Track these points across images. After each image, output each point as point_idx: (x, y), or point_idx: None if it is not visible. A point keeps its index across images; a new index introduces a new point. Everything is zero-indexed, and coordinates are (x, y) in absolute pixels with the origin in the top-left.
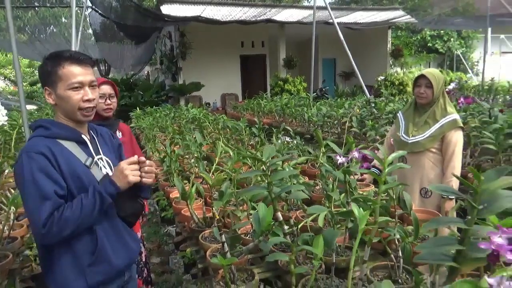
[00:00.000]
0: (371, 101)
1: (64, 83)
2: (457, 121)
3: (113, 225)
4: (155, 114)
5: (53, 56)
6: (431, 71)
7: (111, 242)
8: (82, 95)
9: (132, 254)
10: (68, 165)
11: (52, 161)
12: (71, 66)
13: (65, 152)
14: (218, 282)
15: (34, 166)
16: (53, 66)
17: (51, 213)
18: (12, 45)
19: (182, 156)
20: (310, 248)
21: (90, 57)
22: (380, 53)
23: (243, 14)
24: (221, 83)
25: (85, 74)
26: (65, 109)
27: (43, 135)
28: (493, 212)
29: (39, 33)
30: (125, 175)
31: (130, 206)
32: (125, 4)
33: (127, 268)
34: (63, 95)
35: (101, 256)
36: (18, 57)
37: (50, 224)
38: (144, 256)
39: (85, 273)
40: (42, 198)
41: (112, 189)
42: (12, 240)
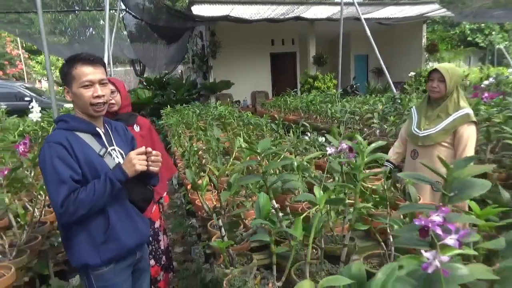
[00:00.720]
0: (396, 97)
1: (77, 82)
2: (470, 115)
3: (124, 208)
4: (183, 111)
5: (68, 59)
6: (444, 65)
7: (121, 223)
8: (92, 92)
9: (141, 235)
10: (83, 154)
11: (69, 150)
12: (82, 67)
13: (81, 143)
14: (219, 265)
15: (54, 154)
16: (68, 68)
17: (67, 195)
18: (44, 47)
19: (203, 150)
20: (290, 230)
21: (101, 58)
22: (415, 49)
23: (271, 12)
24: (251, 81)
25: (95, 73)
26: (79, 105)
27: (63, 128)
28: (463, 199)
29: (79, 35)
30: (133, 164)
31: (139, 192)
32: (157, 6)
33: (138, 248)
34: (76, 92)
35: (112, 235)
36: (49, 58)
37: (67, 204)
38: (163, 244)
39: (98, 250)
40: (60, 182)
41: (121, 176)
42: (43, 224)
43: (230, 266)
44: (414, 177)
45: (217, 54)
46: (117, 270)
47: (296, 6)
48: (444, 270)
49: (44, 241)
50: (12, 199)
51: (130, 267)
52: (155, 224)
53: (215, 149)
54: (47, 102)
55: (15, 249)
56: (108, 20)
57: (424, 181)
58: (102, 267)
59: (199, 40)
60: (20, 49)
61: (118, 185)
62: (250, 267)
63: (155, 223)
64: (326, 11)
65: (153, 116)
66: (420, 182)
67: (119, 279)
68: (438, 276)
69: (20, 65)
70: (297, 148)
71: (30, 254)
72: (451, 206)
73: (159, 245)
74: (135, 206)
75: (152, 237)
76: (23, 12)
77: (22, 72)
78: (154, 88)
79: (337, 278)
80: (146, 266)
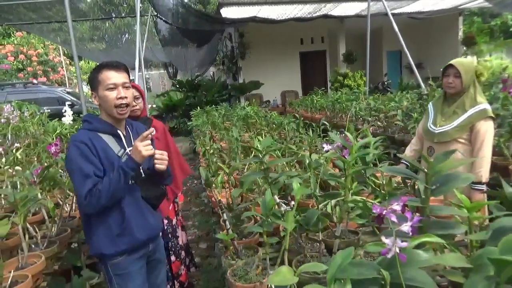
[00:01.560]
0: (422, 93)
1: (102, 85)
2: (487, 110)
3: (137, 205)
4: (211, 112)
5: (96, 67)
6: (460, 60)
7: (135, 218)
8: (116, 94)
9: (152, 230)
10: (104, 153)
11: (92, 149)
12: (107, 72)
13: (102, 143)
14: (226, 257)
15: (78, 152)
16: (95, 74)
17: (90, 188)
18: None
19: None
20: (280, 222)
21: (123, 64)
22: (451, 42)
23: (298, 11)
24: (281, 80)
25: (118, 77)
26: (105, 107)
27: (87, 128)
28: (444, 192)
29: (116, 41)
30: (139, 151)
31: (152, 190)
32: (187, 10)
33: (151, 241)
34: (102, 95)
35: (127, 229)
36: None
37: (90, 196)
38: (181, 240)
39: (114, 241)
40: (84, 177)
41: (131, 163)
42: (72, 219)
43: (236, 258)
44: (393, 170)
45: (246, 55)
46: (130, 260)
47: (324, 4)
48: (402, 255)
49: (74, 234)
50: (46, 196)
51: (144, 257)
52: (172, 221)
53: (235, 149)
54: (87, 106)
55: (46, 240)
56: (140, 25)
57: (400, 174)
58: (117, 257)
59: (229, 42)
60: (62, 56)
61: (130, 172)
62: (253, 259)
63: (172, 220)
64: (354, 8)
65: (184, 117)
66: (398, 175)
67: (133, 267)
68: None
69: (62, 71)
70: (314, 145)
71: (59, 245)
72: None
73: (177, 241)
74: (148, 204)
75: (171, 234)
76: (63, 21)
77: (64, 78)
78: (186, 90)
79: (315, 264)
80: (161, 257)
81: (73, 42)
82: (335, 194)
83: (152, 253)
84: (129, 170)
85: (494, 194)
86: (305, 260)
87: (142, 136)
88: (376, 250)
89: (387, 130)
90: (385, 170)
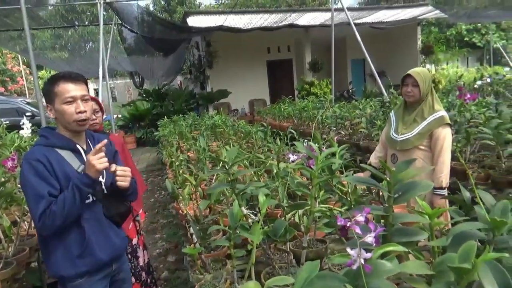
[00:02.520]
0: (385, 101)
1: (59, 99)
2: (445, 117)
3: (99, 223)
4: (179, 122)
5: (51, 78)
6: (417, 70)
7: (96, 237)
8: (74, 107)
9: (116, 249)
10: (61, 170)
11: (47, 166)
12: (64, 84)
13: (60, 159)
14: (194, 271)
15: (32, 171)
16: (50, 86)
17: (44, 210)
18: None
19: (194, 160)
20: (247, 235)
21: (82, 75)
22: (410, 51)
23: (264, 20)
24: (248, 89)
25: (77, 89)
26: (62, 121)
27: (43, 144)
28: (406, 200)
29: (79, 50)
30: (93, 165)
31: (115, 207)
32: (153, 19)
33: (114, 261)
34: (59, 109)
35: (87, 249)
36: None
37: (44, 218)
38: (142, 260)
39: (74, 263)
40: (38, 197)
41: (85, 179)
42: (31, 237)
43: (204, 272)
44: (356, 180)
45: (214, 64)
46: (92, 281)
47: (289, 13)
48: (367, 266)
49: (32, 253)
50: (2, 213)
51: (107, 278)
52: (132, 241)
53: (203, 159)
54: (47, 116)
55: (2, 261)
56: (104, 34)
57: (364, 183)
58: (77, 279)
59: (196, 51)
60: (21, 65)
61: (86, 189)
62: (221, 272)
63: (132, 240)
64: (320, 17)
65: (151, 127)
66: (362, 184)
67: None
68: (362, 272)
69: (21, 81)
70: (282, 154)
71: (17, 266)
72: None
73: (137, 261)
74: (111, 221)
75: (130, 254)
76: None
77: (23, 88)
78: (153, 100)
79: (282, 278)
80: (126, 277)
81: (30, 52)
82: (302, 204)
83: (116, 272)
84: (83, 187)
85: (453, 199)
86: (274, 271)
87: (94, 149)
88: (342, 261)
89: (352, 137)
90: (349, 179)
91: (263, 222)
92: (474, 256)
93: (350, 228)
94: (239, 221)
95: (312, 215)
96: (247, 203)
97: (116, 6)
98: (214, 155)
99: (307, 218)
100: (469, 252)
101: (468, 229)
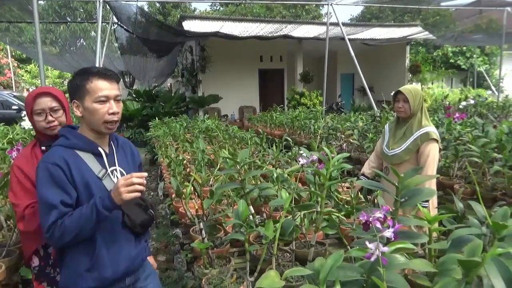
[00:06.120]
0: (376, 115)
1: (91, 97)
2: (430, 133)
3: (114, 234)
4: (171, 124)
5: (82, 72)
6: (408, 87)
7: (109, 250)
8: (107, 108)
9: (131, 262)
10: (80, 175)
11: (65, 171)
12: (98, 81)
13: (80, 162)
14: (199, 266)
15: (48, 177)
16: (82, 80)
17: (54, 221)
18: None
19: (189, 161)
20: (262, 230)
21: (116, 73)
22: (399, 69)
23: (260, 30)
24: (239, 95)
25: (111, 88)
26: (91, 121)
27: (63, 144)
28: (411, 205)
29: (70, 46)
30: (119, 193)
31: (139, 217)
32: (149, 20)
33: (127, 275)
34: (89, 107)
35: (97, 263)
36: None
37: (53, 230)
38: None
39: (82, 277)
40: (49, 207)
41: (108, 204)
42: None
43: (210, 267)
44: (369, 184)
45: (207, 69)
46: None
47: (285, 25)
48: (383, 258)
49: None
50: (4, 202)
51: None
52: None
53: (201, 160)
54: None
55: (5, 250)
56: (100, 32)
57: (377, 187)
58: None
59: (189, 55)
60: (10, 57)
61: (105, 213)
62: (228, 268)
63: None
64: (313, 31)
65: (141, 128)
66: (373, 188)
67: None
68: (379, 264)
69: (9, 73)
70: (277, 160)
71: (19, 255)
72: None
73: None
74: (132, 231)
75: None
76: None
77: (10, 81)
78: (143, 100)
79: (300, 269)
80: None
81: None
82: (309, 205)
83: (132, 285)
84: (103, 211)
85: (448, 209)
86: (278, 268)
87: (127, 176)
88: (360, 254)
89: (345, 149)
90: (361, 183)
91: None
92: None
93: (372, 223)
94: (245, 219)
95: (322, 215)
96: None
97: (113, 5)
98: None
99: (317, 217)
100: (476, 249)
101: (465, 234)
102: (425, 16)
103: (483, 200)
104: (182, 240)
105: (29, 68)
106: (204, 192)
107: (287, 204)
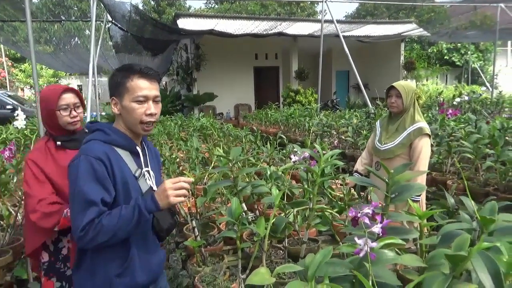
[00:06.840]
0: (370, 112)
1: (130, 95)
2: (423, 128)
3: (145, 239)
4: (166, 122)
5: (123, 69)
6: (401, 82)
7: (140, 255)
8: (145, 108)
9: (155, 268)
10: (121, 172)
11: (108, 167)
12: (139, 80)
13: (119, 160)
14: (192, 264)
15: (89, 171)
16: (122, 78)
17: (92, 219)
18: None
19: (184, 160)
20: (253, 227)
21: (158, 73)
22: (393, 66)
23: (255, 27)
24: (234, 93)
25: (151, 88)
26: (127, 120)
27: (102, 139)
28: (402, 200)
29: (64, 44)
30: (167, 195)
31: (165, 222)
32: (143, 18)
33: (151, 283)
34: (128, 106)
35: (129, 269)
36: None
37: (88, 229)
38: None
39: (111, 283)
40: (88, 203)
41: (152, 207)
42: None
43: (203, 265)
44: (360, 180)
45: (201, 67)
46: None
47: (279, 22)
48: (372, 254)
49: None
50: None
51: None
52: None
53: (194, 159)
54: (30, 110)
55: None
56: (94, 31)
57: (368, 184)
58: None
59: (184, 53)
60: (4, 56)
61: (147, 216)
62: (221, 265)
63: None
64: (308, 28)
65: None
66: (364, 184)
67: None
68: (367, 259)
69: (3, 73)
70: (272, 158)
71: (12, 255)
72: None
73: None
74: (158, 236)
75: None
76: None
77: (4, 80)
78: None
79: (290, 266)
80: None
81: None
82: (301, 202)
83: None
84: (146, 213)
85: (441, 205)
86: (271, 265)
87: (176, 179)
88: (350, 250)
89: (338, 146)
90: (352, 179)
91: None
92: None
93: (360, 219)
94: (238, 216)
95: (314, 212)
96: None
97: (107, 3)
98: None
99: (309, 214)
100: (463, 243)
101: (455, 228)
102: (419, 13)
103: (476, 195)
104: (176, 239)
105: (24, 67)
106: (198, 190)
107: (277, 200)
